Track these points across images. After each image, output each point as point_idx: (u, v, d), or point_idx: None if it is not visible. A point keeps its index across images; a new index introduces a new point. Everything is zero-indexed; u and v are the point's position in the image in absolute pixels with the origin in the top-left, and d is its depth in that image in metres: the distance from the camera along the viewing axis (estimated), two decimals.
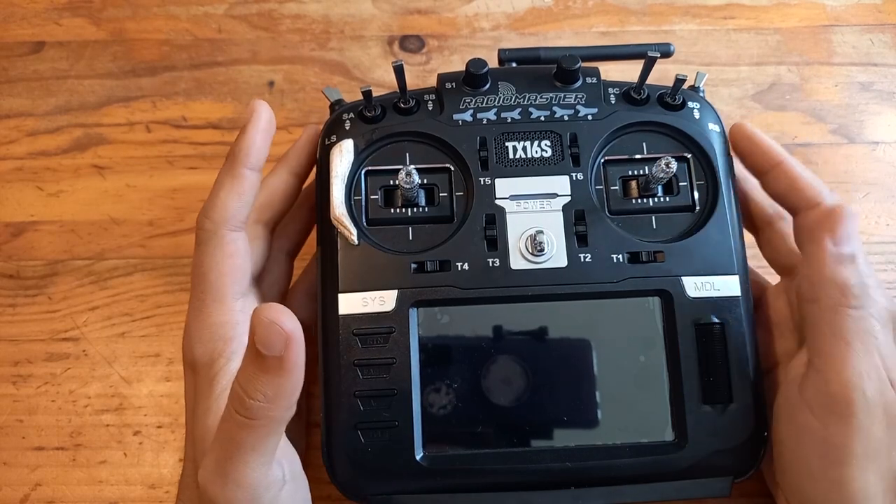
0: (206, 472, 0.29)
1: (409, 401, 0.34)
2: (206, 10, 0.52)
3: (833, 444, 0.32)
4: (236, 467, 0.28)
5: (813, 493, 0.33)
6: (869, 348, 0.32)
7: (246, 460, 0.28)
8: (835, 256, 0.33)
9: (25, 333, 0.44)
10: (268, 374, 0.27)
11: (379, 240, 0.36)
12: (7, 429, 0.42)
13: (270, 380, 0.27)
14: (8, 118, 0.50)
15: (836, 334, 0.32)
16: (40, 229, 0.47)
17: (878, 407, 0.31)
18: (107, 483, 0.41)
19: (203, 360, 0.34)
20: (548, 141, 0.38)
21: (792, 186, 0.36)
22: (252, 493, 0.29)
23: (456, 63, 0.51)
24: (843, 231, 0.33)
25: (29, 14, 0.52)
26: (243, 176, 0.35)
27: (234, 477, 0.28)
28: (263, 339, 0.26)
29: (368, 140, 0.38)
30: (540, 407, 0.35)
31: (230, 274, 0.34)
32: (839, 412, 0.31)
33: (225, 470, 0.29)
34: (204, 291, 0.34)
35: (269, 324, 0.26)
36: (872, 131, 0.49)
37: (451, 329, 0.36)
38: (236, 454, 0.28)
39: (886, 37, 0.52)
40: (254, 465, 0.29)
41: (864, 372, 0.31)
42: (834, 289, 0.33)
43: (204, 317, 0.34)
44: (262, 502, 0.29)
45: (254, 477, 0.29)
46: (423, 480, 0.34)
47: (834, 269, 0.33)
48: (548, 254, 0.36)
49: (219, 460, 0.29)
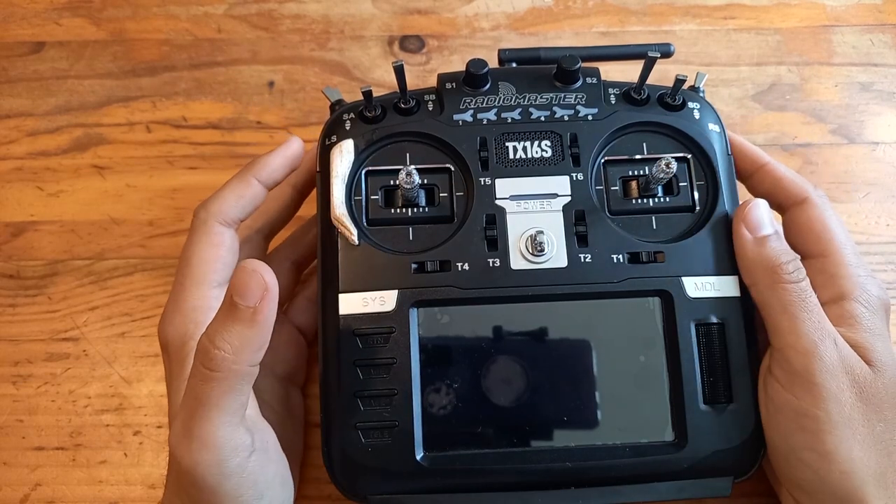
0: (174, 434, 0.30)
1: (410, 401, 0.34)
2: (206, 10, 0.52)
3: (807, 414, 0.32)
4: (201, 425, 0.29)
5: (805, 474, 0.33)
6: (813, 315, 0.33)
7: (210, 417, 0.29)
8: (753, 241, 0.35)
9: (25, 333, 0.44)
10: (238, 324, 0.29)
11: (379, 240, 0.36)
12: (7, 429, 0.42)
13: (240, 330, 0.29)
14: (8, 118, 0.50)
15: (780, 310, 0.34)
16: (40, 229, 0.47)
17: (840, 370, 0.32)
18: (107, 483, 0.41)
19: (175, 341, 0.34)
20: (548, 141, 0.38)
21: (777, 185, 0.38)
22: (217, 455, 0.29)
23: (456, 63, 0.51)
24: (754, 217, 0.36)
25: (29, 14, 0.52)
26: (249, 182, 0.37)
27: (198, 435, 0.29)
28: (242, 286, 0.28)
29: (369, 140, 0.38)
30: (540, 407, 0.35)
31: (211, 262, 0.35)
32: (803, 381, 0.33)
33: (190, 429, 0.29)
34: (184, 275, 0.35)
35: (252, 271, 0.28)
36: (872, 131, 0.49)
37: (451, 329, 0.36)
38: (200, 411, 0.29)
39: (886, 37, 0.52)
40: (218, 423, 0.29)
41: (816, 339, 0.33)
42: (762, 270, 0.35)
43: (181, 300, 0.35)
44: (229, 466, 0.30)
45: (218, 436, 0.29)
46: (423, 480, 0.34)
47: (756, 252, 0.35)
48: (548, 254, 0.36)
49: (185, 420, 0.29)
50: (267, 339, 0.30)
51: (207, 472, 0.29)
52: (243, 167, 0.38)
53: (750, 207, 0.36)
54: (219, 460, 0.29)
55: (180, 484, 0.31)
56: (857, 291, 0.35)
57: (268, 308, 0.29)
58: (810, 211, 0.37)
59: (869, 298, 0.35)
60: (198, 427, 0.29)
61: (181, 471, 0.30)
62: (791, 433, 0.33)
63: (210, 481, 0.30)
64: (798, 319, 0.33)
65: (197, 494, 0.30)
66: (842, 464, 0.32)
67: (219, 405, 0.29)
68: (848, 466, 0.32)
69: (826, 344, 0.33)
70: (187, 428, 0.29)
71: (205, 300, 0.35)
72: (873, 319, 0.34)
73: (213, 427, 0.29)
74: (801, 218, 0.37)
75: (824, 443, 0.32)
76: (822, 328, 0.33)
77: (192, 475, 0.29)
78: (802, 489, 0.34)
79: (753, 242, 0.35)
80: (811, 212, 0.37)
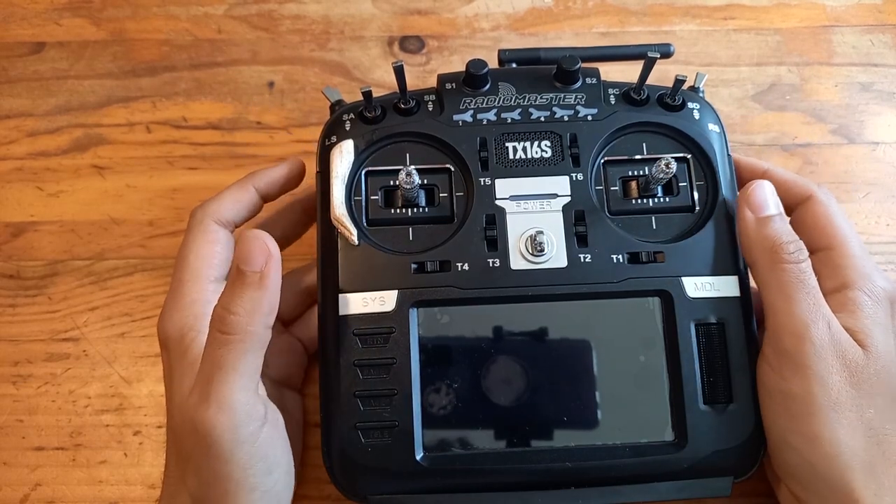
0: (192, 400, 0.31)
1: (410, 401, 0.34)
2: (206, 11, 0.52)
3: (794, 397, 0.32)
4: (219, 388, 0.30)
5: (794, 459, 0.33)
6: (810, 297, 0.33)
7: (228, 380, 0.30)
8: (755, 221, 0.35)
9: (25, 333, 0.44)
10: (248, 290, 0.31)
11: (379, 240, 0.36)
12: (7, 429, 0.42)
13: (251, 294, 0.31)
14: (8, 118, 0.50)
15: (778, 290, 0.34)
16: (40, 229, 0.47)
17: (830, 353, 0.32)
18: (107, 483, 0.41)
19: (174, 334, 0.35)
20: (548, 141, 0.38)
21: (780, 188, 0.37)
22: (234, 418, 0.30)
23: (456, 63, 0.51)
24: (757, 197, 0.35)
25: (29, 14, 0.52)
26: (248, 190, 0.38)
27: (216, 398, 0.30)
28: (247, 253, 0.31)
29: (369, 140, 0.38)
30: (540, 407, 0.35)
31: (208, 257, 0.36)
32: (793, 363, 0.32)
33: (208, 392, 0.30)
34: (182, 272, 0.36)
35: (254, 238, 0.31)
36: (872, 131, 0.49)
37: (451, 329, 0.36)
38: (218, 374, 0.30)
39: (886, 37, 0.52)
40: (235, 386, 0.30)
41: (809, 320, 0.33)
42: (763, 250, 0.34)
43: (179, 296, 0.35)
44: (243, 432, 0.30)
45: (236, 399, 0.30)
46: (423, 480, 0.34)
47: (758, 233, 0.35)
48: (548, 254, 0.36)
49: (202, 386, 0.31)
50: (276, 301, 0.31)
51: (223, 437, 0.30)
52: (244, 176, 0.39)
53: (754, 188, 0.36)
54: (235, 424, 0.30)
55: (190, 461, 0.31)
56: (861, 281, 0.34)
57: (273, 271, 0.31)
58: (815, 207, 0.37)
59: (873, 288, 0.34)
60: (216, 391, 0.30)
61: (197, 440, 0.30)
62: (780, 416, 0.33)
63: (225, 447, 0.30)
64: (793, 300, 0.33)
65: (208, 465, 0.31)
66: (827, 447, 0.31)
67: (236, 367, 0.30)
68: (833, 450, 0.31)
69: (818, 326, 0.32)
70: (205, 393, 0.30)
71: (203, 294, 0.35)
72: (875, 308, 0.34)
73: (231, 390, 0.30)
74: (806, 215, 0.37)
75: (810, 425, 0.32)
76: (817, 310, 0.33)
77: (208, 440, 0.30)
78: (794, 477, 0.34)
79: (756, 223, 0.35)
80: (816, 208, 0.37)
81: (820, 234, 0.36)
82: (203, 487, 0.31)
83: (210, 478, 0.31)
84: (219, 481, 0.31)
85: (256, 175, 0.39)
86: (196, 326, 0.35)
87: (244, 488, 0.31)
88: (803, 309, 0.33)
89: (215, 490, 0.31)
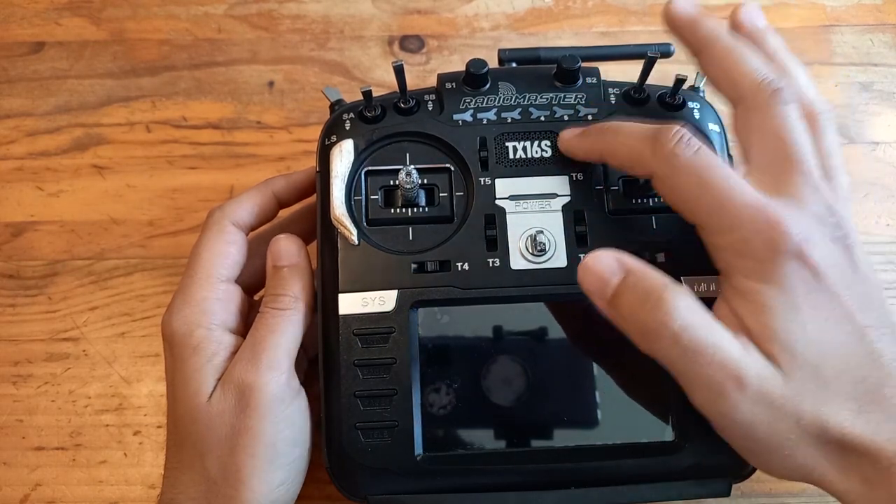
0: (242, 365, 0.34)
1: (409, 401, 0.34)
2: (206, 10, 0.52)
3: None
4: (269, 350, 0.34)
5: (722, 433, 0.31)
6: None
7: (280, 343, 0.34)
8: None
9: (25, 333, 0.44)
10: (294, 273, 0.36)
11: (379, 240, 0.36)
12: (7, 429, 0.42)
13: (297, 277, 0.36)
14: (8, 118, 0.50)
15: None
16: (40, 229, 0.47)
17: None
18: (107, 483, 0.41)
19: (181, 330, 0.35)
20: (548, 141, 0.38)
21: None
22: (281, 377, 0.34)
23: (456, 63, 0.51)
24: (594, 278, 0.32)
25: (29, 14, 0.52)
26: (268, 195, 0.39)
27: (266, 359, 0.34)
28: (278, 251, 0.36)
29: (368, 140, 0.38)
30: (540, 407, 0.35)
31: (222, 256, 0.37)
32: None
33: (258, 356, 0.34)
34: (195, 269, 0.36)
35: (285, 239, 0.37)
36: (872, 131, 0.49)
37: (451, 329, 0.36)
38: (271, 337, 0.34)
39: (886, 37, 0.52)
40: (284, 349, 0.34)
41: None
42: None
43: (189, 293, 0.36)
44: (284, 392, 0.34)
45: (284, 361, 0.34)
46: (423, 480, 0.34)
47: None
48: (548, 254, 0.36)
49: (254, 351, 0.34)
50: (312, 277, 0.37)
51: (267, 389, 0.33)
52: (264, 181, 0.40)
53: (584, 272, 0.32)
54: (281, 382, 0.34)
55: (208, 438, 0.33)
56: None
57: (305, 261, 0.37)
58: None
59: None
60: (267, 353, 0.34)
61: (239, 399, 0.33)
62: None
63: (266, 400, 0.33)
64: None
65: (243, 424, 0.33)
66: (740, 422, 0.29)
67: (285, 332, 0.34)
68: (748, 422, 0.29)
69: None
70: (256, 356, 0.34)
71: (214, 292, 0.36)
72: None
73: (281, 352, 0.34)
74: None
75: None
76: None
77: (253, 395, 0.33)
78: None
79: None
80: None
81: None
82: (230, 456, 0.33)
83: (240, 442, 0.33)
84: (250, 443, 0.32)
85: (277, 179, 0.40)
86: (204, 323, 0.35)
87: (272, 451, 0.33)
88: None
89: (241, 455, 0.32)
